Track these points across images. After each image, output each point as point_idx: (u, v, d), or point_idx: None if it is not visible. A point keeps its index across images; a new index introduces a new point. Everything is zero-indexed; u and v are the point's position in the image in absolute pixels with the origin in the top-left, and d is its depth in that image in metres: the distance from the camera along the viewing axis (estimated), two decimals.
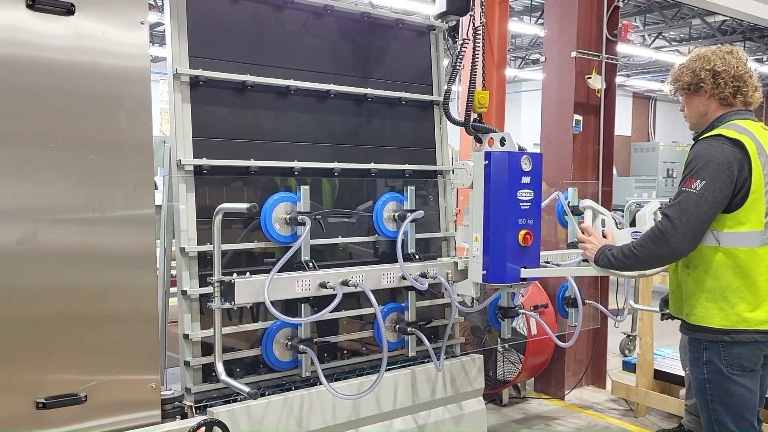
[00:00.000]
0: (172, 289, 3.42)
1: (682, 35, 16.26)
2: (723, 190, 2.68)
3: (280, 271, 3.14)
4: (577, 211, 4.38)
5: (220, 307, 3.04)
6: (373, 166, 3.90)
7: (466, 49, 3.88)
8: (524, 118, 18.36)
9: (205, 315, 3.24)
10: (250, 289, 3.06)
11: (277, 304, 3.10)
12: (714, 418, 2.82)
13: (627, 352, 6.67)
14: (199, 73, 3.31)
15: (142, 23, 2.77)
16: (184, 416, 3.03)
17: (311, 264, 3.36)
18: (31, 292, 2.53)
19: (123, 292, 2.74)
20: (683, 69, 2.95)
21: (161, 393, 2.90)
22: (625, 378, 5.71)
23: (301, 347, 3.33)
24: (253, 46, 3.56)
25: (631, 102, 22.99)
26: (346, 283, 3.30)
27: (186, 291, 3.21)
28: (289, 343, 3.39)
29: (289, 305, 3.34)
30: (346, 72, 3.88)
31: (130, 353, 2.76)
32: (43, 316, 2.55)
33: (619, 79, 17.94)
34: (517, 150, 3.59)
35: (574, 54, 5.62)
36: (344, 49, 3.90)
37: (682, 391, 5.19)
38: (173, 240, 3.33)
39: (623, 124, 21.36)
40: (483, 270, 3.49)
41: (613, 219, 3.47)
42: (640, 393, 5.32)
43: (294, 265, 3.33)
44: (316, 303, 3.36)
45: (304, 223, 3.31)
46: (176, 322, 3.30)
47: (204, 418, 3.00)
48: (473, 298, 3.72)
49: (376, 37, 4.02)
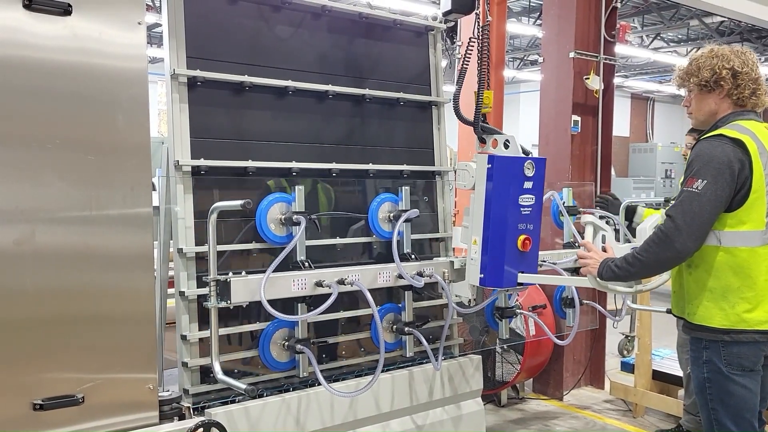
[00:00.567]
0: (170, 290, 3.42)
1: (680, 36, 16.27)
2: (725, 189, 2.67)
3: (278, 271, 3.14)
4: (572, 211, 4.38)
5: (216, 306, 3.04)
6: (371, 166, 3.90)
7: (473, 48, 3.86)
8: (523, 119, 18.36)
9: (203, 316, 3.24)
10: (246, 288, 3.06)
11: (273, 305, 3.10)
12: (713, 417, 2.82)
13: (625, 352, 6.67)
14: (197, 73, 3.31)
15: (140, 24, 2.77)
16: (181, 417, 3.02)
17: (307, 264, 3.35)
18: (28, 293, 2.52)
19: (120, 293, 2.73)
20: (701, 65, 2.86)
21: (159, 394, 2.90)
22: (624, 378, 5.71)
23: (299, 347, 3.33)
24: (251, 47, 3.56)
25: (630, 103, 23.00)
26: (342, 282, 3.30)
27: (184, 292, 3.21)
28: (287, 344, 3.39)
29: (286, 307, 3.34)
30: (344, 73, 3.87)
31: (127, 354, 2.75)
32: (40, 317, 2.55)
33: (618, 80, 17.94)
34: (520, 152, 3.58)
35: (572, 55, 5.62)
36: (342, 49, 3.90)
37: (681, 392, 5.19)
38: (171, 241, 3.33)
39: (621, 125, 21.37)
40: (480, 273, 3.49)
41: (617, 228, 3.42)
42: (638, 393, 5.33)
43: (290, 265, 3.33)
44: (313, 303, 3.35)
45: (299, 223, 3.31)
46: (174, 323, 3.30)
47: (202, 419, 2.99)
48: (470, 299, 3.72)
49: (374, 38, 4.02)
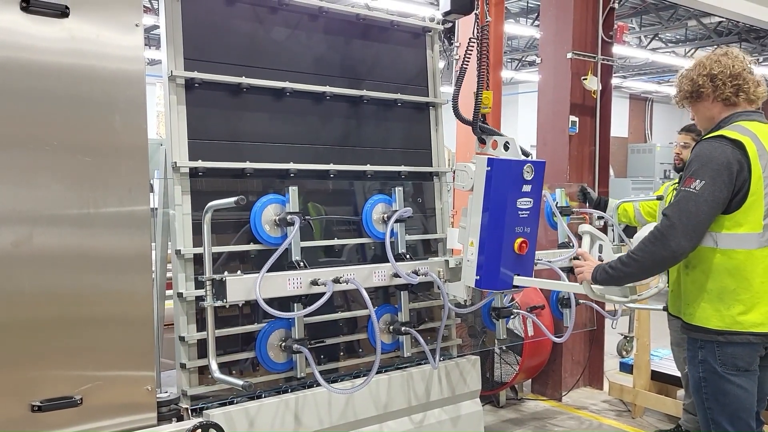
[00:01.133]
0: (168, 292, 3.42)
1: (678, 37, 16.28)
2: (723, 191, 2.67)
3: (273, 271, 3.14)
4: (566, 212, 4.39)
5: (213, 305, 3.05)
6: (368, 167, 3.90)
7: (473, 48, 3.86)
8: (521, 120, 18.35)
9: (201, 317, 3.24)
10: (242, 287, 3.07)
11: (270, 306, 3.10)
12: (710, 417, 2.83)
13: (624, 353, 6.68)
14: (195, 75, 3.31)
15: (137, 25, 2.77)
16: (180, 419, 3.03)
17: (302, 264, 3.36)
18: (26, 295, 2.53)
19: (118, 294, 2.74)
20: (682, 79, 2.96)
21: (157, 395, 2.91)
22: (623, 379, 5.72)
23: (296, 347, 3.34)
24: (249, 49, 3.56)
25: (628, 103, 23.02)
26: (337, 281, 3.31)
27: (182, 293, 3.21)
28: (284, 344, 3.39)
29: (283, 308, 3.34)
30: (341, 74, 3.88)
31: (125, 355, 2.76)
32: (38, 319, 2.55)
33: (616, 81, 17.97)
34: (520, 155, 3.58)
35: (569, 55, 5.63)
36: (339, 51, 3.90)
37: (680, 392, 5.20)
38: (169, 242, 3.33)
39: (620, 126, 21.36)
40: (476, 275, 3.49)
41: (619, 236, 3.41)
42: (637, 394, 5.33)
43: (285, 266, 3.34)
44: (309, 303, 3.35)
45: (293, 223, 3.32)
46: (172, 324, 3.30)
47: (200, 420, 3.00)
48: (466, 300, 3.72)
49: (372, 39, 4.03)
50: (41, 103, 2.55)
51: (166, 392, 3.08)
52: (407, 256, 3.79)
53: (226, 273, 3.10)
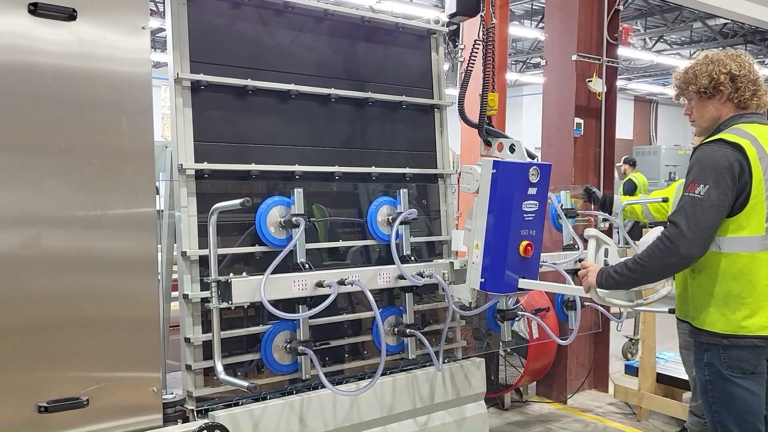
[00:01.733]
0: (174, 293, 3.43)
1: (683, 38, 16.27)
2: (727, 194, 2.65)
3: (278, 273, 3.15)
4: (571, 214, 4.38)
5: (218, 307, 3.05)
6: (374, 169, 3.91)
7: (478, 50, 3.86)
8: (526, 122, 18.35)
9: (207, 319, 3.25)
10: (247, 289, 3.07)
11: (275, 308, 3.11)
12: (717, 420, 2.82)
13: (629, 355, 6.66)
14: (200, 77, 3.32)
15: (144, 28, 2.79)
16: (185, 420, 3.04)
17: (307, 265, 3.37)
18: (34, 296, 2.54)
19: (124, 296, 2.75)
20: (698, 72, 2.86)
21: (163, 397, 2.92)
22: (628, 382, 5.71)
23: (301, 348, 3.34)
24: (254, 51, 3.57)
25: (633, 105, 23.00)
26: (342, 282, 3.31)
27: (187, 295, 3.22)
28: (289, 346, 3.40)
29: (287, 310, 3.34)
30: (346, 76, 3.88)
31: (131, 357, 2.77)
32: (45, 320, 2.56)
33: (621, 83, 17.94)
34: (526, 157, 3.57)
35: (574, 57, 5.62)
36: (344, 53, 3.91)
37: (686, 395, 5.19)
38: (174, 244, 3.34)
39: (625, 128, 21.36)
40: (481, 277, 3.48)
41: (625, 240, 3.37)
42: (642, 396, 5.32)
43: (291, 268, 3.35)
44: (314, 305, 3.35)
45: (298, 225, 3.33)
46: (178, 326, 3.31)
47: (205, 421, 3.01)
48: (470, 302, 3.72)
49: (377, 42, 4.03)
50: (48, 105, 2.57)
51: (172, 394, 3.09)
52: (412, 258, 3.79)
53: (231, 275, 3.11)
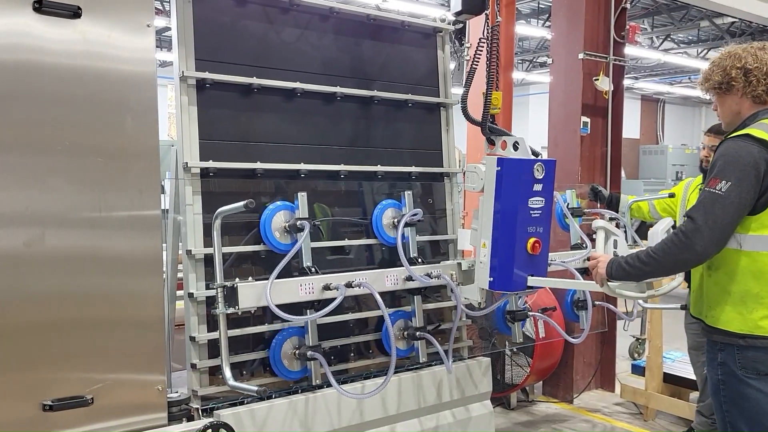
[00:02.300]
0: (179, 292, 3.43)
1: (691, 37, 16.20)
2: (749, 192, 2.58)
3: (283, 277, 3.14)
4: (577, 213, 4.36)
5: (224, 312, 3.04)
6: (379, 168, 3.90)
7: (482, 49, 3.84)
8: (532, 121, 18.32)
9: (212, 318, 3.24)
10: (254, 293, 3.05)
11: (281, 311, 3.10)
12: (728, 420, 2.76)
13: (636, 355, 6.63)
14: (206, 75, 3.32)
15: (149, 26, 2.78)
16: (190, 419, 3.03)
17: (314, 269, 3.35)
18: (38, 296, 2.54)
19: (129, 294, 2.75)
20: (713, 68, 2.83)
21: (168, 395, 2.91)
22: (635, 381, 5.68)
23: (310, 353, 3.32)
24: (260, 49, 3.57)
25: (640, 104, 22.92)
26: (350, 285, 3.29)
27: (193, 293, 3.21)
28: (298, 352, 3.38)
29: (293, 312, 3.32)
30: (352, 74, 3.87)
31: (136, 356, 2.77)
32: (49, 319, 2.56)
33: (628, 82, 17.86)
34: (530, 154, 3.56)
35: (581, 56, 5.60)
36: (350, 51, 3.90)
37: (692, 395, 5.16)
38: (180, 243, 3.34)
39: (632, 127, 21.29)
40: (490, 276, 3.46)
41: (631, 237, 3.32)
42: (649, 396, 5.29)
43: (297, 272, 3.34)
44: (320, 308, 3.34)
45: (302, 229, 3.31)
46: (183, 325, 3.31)
47: (210, 420, 3.00)
48: (479, 302, 3.70)
49: (382, 40, 4.02)
50: (53, 104, 2.56)
51: (177, 392, 3.08)
52: (419, 260, 3.77)
53: (237, 279, 3.09)
